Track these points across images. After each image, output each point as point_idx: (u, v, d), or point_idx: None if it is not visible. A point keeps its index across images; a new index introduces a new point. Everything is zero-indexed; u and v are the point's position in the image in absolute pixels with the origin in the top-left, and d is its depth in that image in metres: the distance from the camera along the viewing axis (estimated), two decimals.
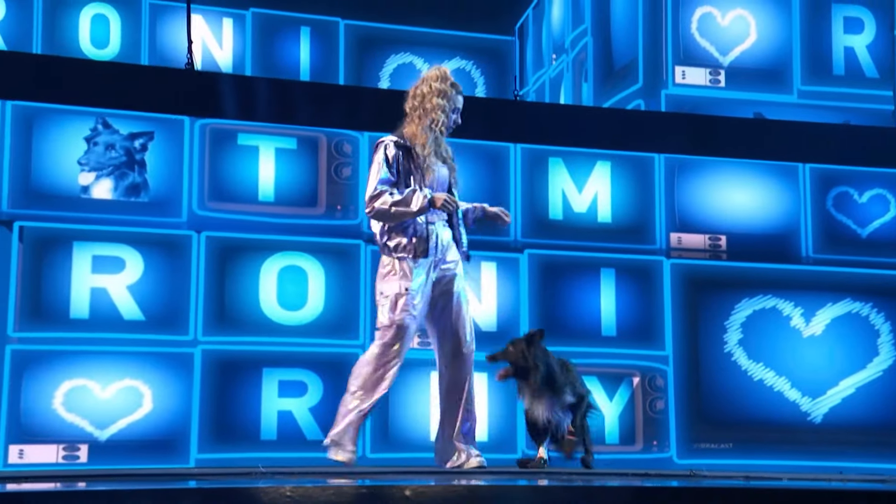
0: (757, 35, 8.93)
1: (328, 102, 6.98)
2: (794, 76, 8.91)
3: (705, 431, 7.16)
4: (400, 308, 5.17)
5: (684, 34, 8.89)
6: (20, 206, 6.37)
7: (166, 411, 6.37)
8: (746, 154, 7.61)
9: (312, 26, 10.66)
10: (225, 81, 6.96)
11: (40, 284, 6.28)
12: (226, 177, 6.70)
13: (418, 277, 5.19)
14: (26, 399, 6.17)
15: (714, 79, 8.87)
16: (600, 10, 9.95)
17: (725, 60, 8.92)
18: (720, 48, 8.94)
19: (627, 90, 9.22)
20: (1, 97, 6.38)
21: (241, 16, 10.56)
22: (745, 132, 7.83)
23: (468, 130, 7.01)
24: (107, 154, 6.43)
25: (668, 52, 8.85)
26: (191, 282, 6.48)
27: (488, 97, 9.95)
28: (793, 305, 7.39)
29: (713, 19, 8.99)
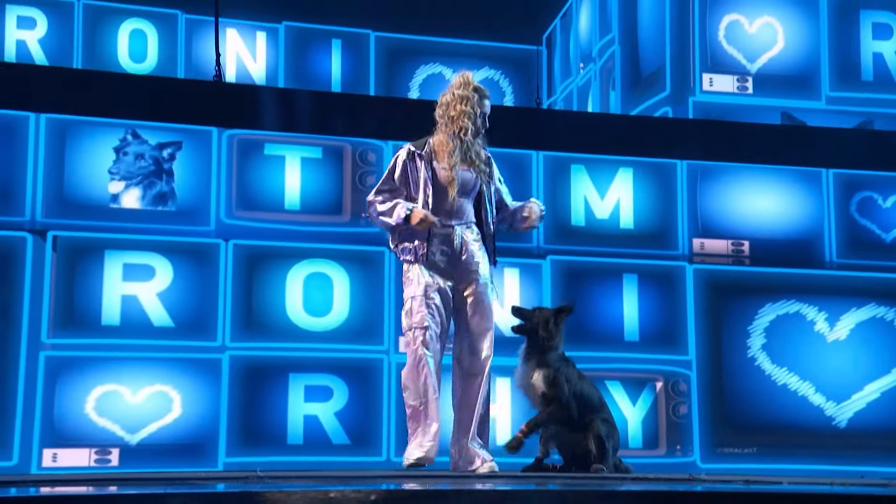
0: (784, 42, 8.84)
1: (353, 112, 6.99)
2: (822, 82, 8.83)
3: (729, 436, 7.06)
4: (415, 311, 5.09)
5: (712, 42, 8.82)
6: (53, 216, 6.41)
7: (195, 416, 6.38)
8: (769, 160, 7.52)
9: (344, 38, 10.69)
10: (252, 93, 6.96)
11: (73, 292, 6.32)
12: (253, 186, 6.71)
13: (433, 281, 5.10)
14: (59, 404, 6.21)
15: (742, 86, 8.79)
16: (627, 19, 9.89)
17: (753, 67, 8.83)
18: (748, 55, 8.85)
19: (655, 98, 9.15)
20: (35, 110, 6.42)
21: (274, 29, 10.61)
22: (768, 138, 7.73)
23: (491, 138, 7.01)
24: (136, 163, 6.47)
25: (696, 60, 8.78)
26: (219, 289, 6.49)
27: (510, 105, 9.90)
28: (817, 310, 7.28)
29: (741, 27, 8.91)
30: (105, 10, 10.28)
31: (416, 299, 5.09)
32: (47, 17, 10.22)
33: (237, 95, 6.97)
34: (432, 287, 5.10)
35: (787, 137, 7.81)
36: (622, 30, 9.93)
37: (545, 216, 6.97)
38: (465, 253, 5.15)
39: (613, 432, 5.30)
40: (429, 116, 5.43)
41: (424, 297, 5.07)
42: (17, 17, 10.19)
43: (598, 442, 5.19)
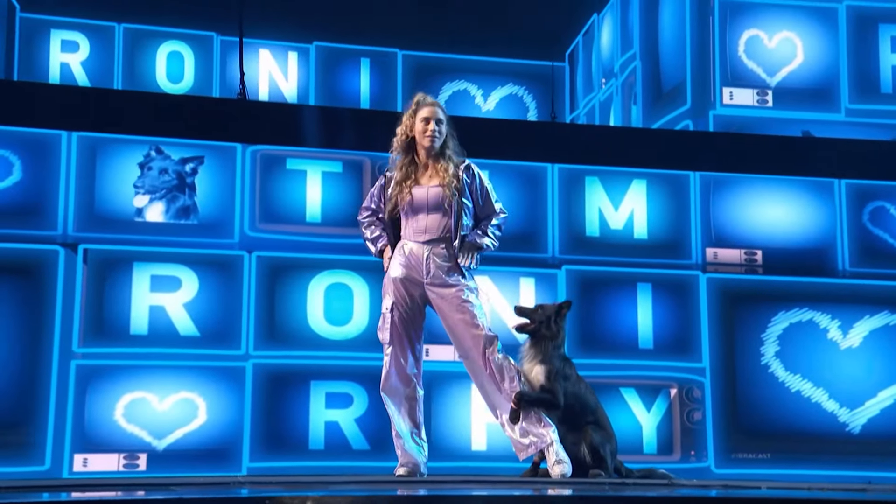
0: (804, 56, 8.74)
1: (372, 127, 6.97)
2: (841, 95, 8.71)
3: (743, 442, 6.96)
4: (382, 327, 5.03)
5: (732, 56, 8.74)
6: (84, 230, 6.46)
7: (220, 422, 6.40)
8: (781, 171, 7.41)
9: (372, 57, 10.70)
10: (275, 110, 6.97)
11: (102, 303, 6.35)
12: (275, 199, 6.72)
13: (402, 294, 5.01)
14: (90, 411, 6.24)
15: (762, 99, 8.69)
16: (649, 35, 9.82)
17: (773, 81, 8.74)
18: (767, 69, 8.76)
19: (676, 111, 9.08)
20: (66, 129, 6.48)
21: (305, 49, 10.65)
22: (780, 149, 7.63)
23: (507, 151, 6.99)
24: (160, 178, 6.50)
25: (716, 74, 8.70)
26: (242, 299, 6.51)
27: (525, 120, 9.86)
28: (830, 318, 7.16)
29: (760, 41, 8.81)
30: (144, 34, 10.37)
31: (384, 315, 5.02)
32: (89, 41, 10.33)
33: (260, 113, 6.99)
34: (400, 302, 5.00)
35: (798, 149, 7.69)
36: (643, 46, 9.86)
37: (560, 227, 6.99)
38: (434, 268, 4.99)
39: (608, 437, 5.21)
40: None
41: (391, 311, 4.99)
42: (61, 41, 10.31)
43: (593, 450, 5.10)
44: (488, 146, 7.06)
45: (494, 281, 6.82)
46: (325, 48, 10.63)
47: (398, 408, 5.13)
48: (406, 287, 5.01)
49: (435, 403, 6.64)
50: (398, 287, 5.01)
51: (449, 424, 6.65)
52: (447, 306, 5.00)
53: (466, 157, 5.14)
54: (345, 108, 8.51)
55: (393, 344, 5.03)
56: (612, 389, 6.86)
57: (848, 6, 8.85)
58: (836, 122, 8.72)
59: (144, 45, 10.34)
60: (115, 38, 10.31)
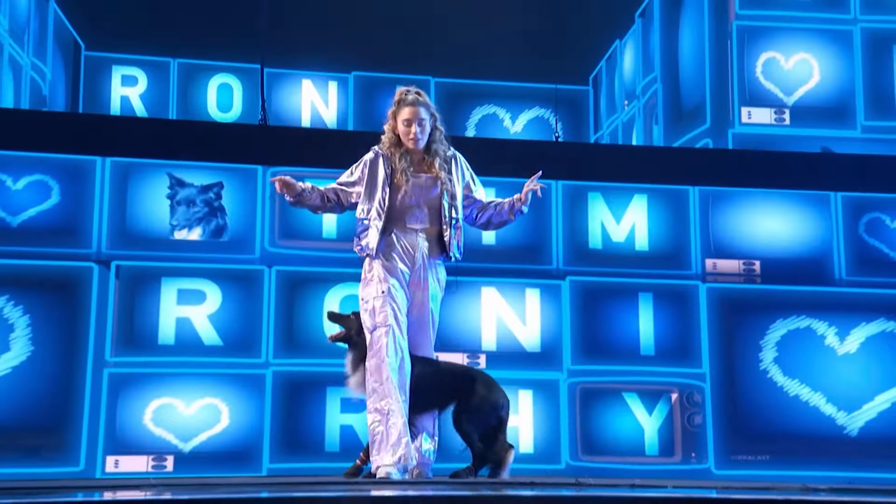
0: (820, 76, 8.49)
1: None
2: (857, 112, 8.44)
3: (742, 444, 6.69)
4: (378, 311, 4.76)
5: (749, 77, 8.52)
6: (116, 248, 6.44)
7: (242, 426, 6.33)
8: (779, 185, 7.15)
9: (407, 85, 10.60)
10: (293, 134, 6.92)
11: (133, 315, 6.33)
12: (294, 217, 6.64)
13: (394, 279, 4.81)
14: (121, 415, 6.21)
15: (779, 117, 8.46)
16: (669, 59, 9.64)
17: (790, 100, 8.50)
18: (784, 89, 8.53)
19: (696, 130, 8.88)
20: (101, 154, 6.49)
21: (344, 79, 10.61)
22: (778, 164, 7.36)
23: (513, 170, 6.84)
24: (190, 210, 6.48)
25: (735, 95, 8.50)
26: (263, 311, 6.44)
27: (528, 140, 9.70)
28: (827, 325, 6.86)
29: (777, 63, 8.58)
30: (197, 67, 10.44)
31: (378, 298, 4.76)
32: (147, 75, 10.43)
33: (279, 137, 6.93)
34: (394, 285, 4.79)
35: (795, 163, 7.41)
36: (664, 69, 9.68)
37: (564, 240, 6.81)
38: (423, 258, 4.85)
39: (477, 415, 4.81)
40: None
41: (387, 295, 4.75)
42: (121, 75, 10.43)
43: (466, 440, 4.80)
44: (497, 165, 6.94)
45: (501, 291, 6.67)
46: (362, 77, 10.58)
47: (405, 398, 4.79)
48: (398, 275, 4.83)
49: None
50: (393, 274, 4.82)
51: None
52: (418, 301, 4.86)
53: (452, 148, 5.02)
54: (360, 131, 8.45)
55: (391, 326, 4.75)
56: (615, 394, 6.66)
57: (862, 28, 8.59)
58: (852, 139, 8.46)
59: (197, 77, 10.40)
60: (170, 72, 10.38)
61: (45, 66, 9.83)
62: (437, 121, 4.95)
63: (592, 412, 6.60)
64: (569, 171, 6.94)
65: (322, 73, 10.57)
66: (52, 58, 9.96)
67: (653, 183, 7.00)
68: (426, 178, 4.88)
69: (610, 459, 6.54)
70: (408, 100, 4.89)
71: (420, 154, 4.91)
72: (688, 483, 5.15)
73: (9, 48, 9.04)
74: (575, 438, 6.55)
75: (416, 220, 4.88)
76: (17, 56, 9.26)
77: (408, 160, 4.87)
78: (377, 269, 4.83)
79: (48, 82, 9.89)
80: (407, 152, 4.89)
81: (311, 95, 10.52)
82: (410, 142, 4.87)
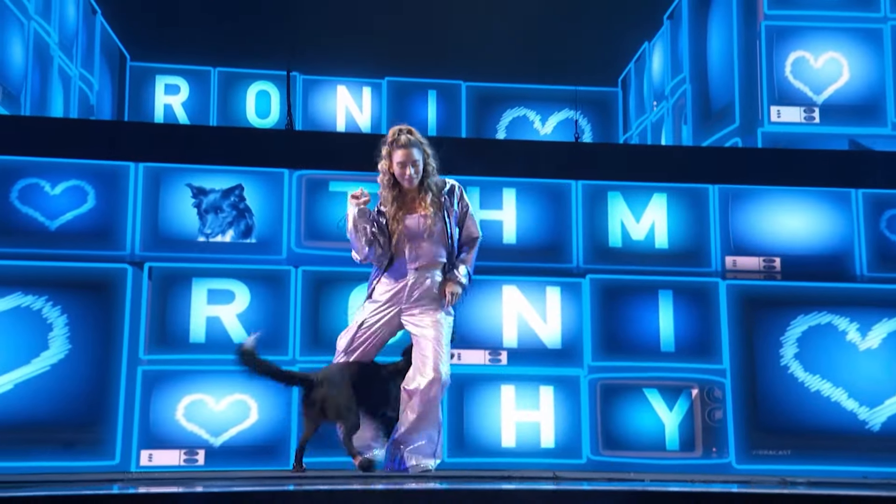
0: (850, 74, 8.36)
1: None
2: (888, 109, 8.31)
3: (763, 439, 6.56)
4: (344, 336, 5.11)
5: (778, 77, 8.40)
6: (149, 250, 6.50)
7: (270, 421, 6.34)
8: (800, 182, 7.01)
9: (438, 89, 10.64)
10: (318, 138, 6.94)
11: (165, 314, 6.37)
12: (319, 219, 6.65)
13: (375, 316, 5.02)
14: (154, 411, 6.26)
15: (809, 116, 8.32)
16: (698, 60, 9.53)
17: (819, 99, 8.37)
18: (814, 88, 8.40)
19: (725, 130, 8.78)
20: (134, 160, 6.55)
21: (377, 84, 10.65)
22: (798, 162, 7.21)
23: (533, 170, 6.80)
24: (218, 217, 6.51)
25: (764, 94, 8.39)
26: (290, 310, 6.45)
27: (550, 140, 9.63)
28: (848, 321, 6.70)
29: (806, 62, 8.44)
30: (236, 76, 10.54)
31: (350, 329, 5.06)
32: (189, 84, 10.55)
33: (305, 141, 6.95)
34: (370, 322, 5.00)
35: (816, 160, 7.26)
36: (693, 69, 9.57)
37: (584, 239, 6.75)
38: (415, 294, 4.92)
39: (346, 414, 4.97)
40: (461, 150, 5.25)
41: (359, 326, 5.01)
42: (164, 84, 10.57)
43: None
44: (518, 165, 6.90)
45: (522, 290, 6.62)
46: (395, 82, 10.61)
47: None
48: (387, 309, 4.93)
49: (467, 403, 6.47)
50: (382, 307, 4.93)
51: (480, 423, 6.46)
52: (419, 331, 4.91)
53: (449, 181, 5.01)
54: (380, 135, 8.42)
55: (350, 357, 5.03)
56: (635, 390, 6.57)
57: (893, 26, 8.44)
58: (882, 136, 8.30)
59: (236, 85, 10.51)
60: (210, 80, 10.51)
61: (92, 76, 9.99)
62: (430, 157, 4.96)
63: (613, 408, 6.52)
64: (589, 170, 6.85)
65: (357, 80, 10.61)
66: (98, 69, 10.12)
67: (673, 182, 6.88)
68: (418, 218, 4.91)
69: (630, 454, 6.46)
70: (401, 141, 4.89)
71: (414, 191, 4.93)
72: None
73: (58, 60, 9.19)
74: (596, 434, 6.48)
75: (418, 258, 4.93)
76: (66, 68, 9.42)
77: (400, 202, 4.92)
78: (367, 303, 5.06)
79: (95, 92, 10.05)
80: (400, 193, 4.91)
81: (346, 101, 10.57)
82: (406, 182, 4.90)
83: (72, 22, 9.57)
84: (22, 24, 8.40)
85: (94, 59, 10.03)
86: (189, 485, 4.65)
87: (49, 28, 8.97)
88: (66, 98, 9.44)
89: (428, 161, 4.93)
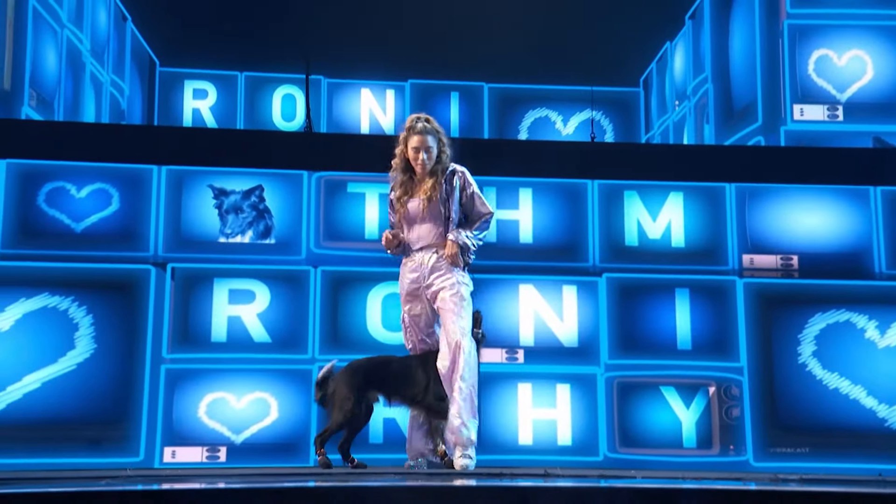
0: (874, 72, 8.27)
1: None
2: None
3: (781, 436, 6.49)
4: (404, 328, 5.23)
5: (801, 75, 8.32)
6: (172, 251, 6.55)
7: (290, 419, 6.38)
8: (816, 180, 6.93)
9: (461, 91, 10.65)
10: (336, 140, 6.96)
11: (187, 314, 6.43)
12: (337, 219, 6.68)
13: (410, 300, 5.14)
14: (177, 409, 6.32)
15: (832, 114, 8.24)
16: (720, 59, 9.47)
17: (843, 97, 8.28)
18: (837, 86, 8.31)
19: (747, 128, 8.71)
20: (157, 163, 6.62)
21: (401, 87, 10.67)
22: (815, 160, 7.13)
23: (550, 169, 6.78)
24: (239, 217, 6.56)
25: (786, 92, 8.32)
26: (309, 309, 6.48)
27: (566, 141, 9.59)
28: (867, 318, 6.62)
29: (830, 60, 8.36)
30: (262, 80, 10.62)
31: (402, 319, 5.18)
32: (216, 88, 10.64)
33: (324, 143, 6.98)
34: (409, 307, 5.11)
35: (833, 158, 7.17)
36: (715, 68, 9.50)
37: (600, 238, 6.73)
38: (433, 273, 5.02)
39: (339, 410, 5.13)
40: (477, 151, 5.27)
41: (405, 316, 5.12)
42: (192, 89, 10.66)
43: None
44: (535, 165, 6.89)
45: (538, 289, 6.60)
46: (418, 85, 10.63)
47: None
48: (414, 293, 4.99)
49: (484, 402, 6.43)
50: (409, 294, 5.00)
51: (497, 421, 6.46)
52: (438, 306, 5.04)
53: (453, 165, 5.06)
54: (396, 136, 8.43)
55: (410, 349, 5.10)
56: (652, 387, 6.53)
57: None
58: None
59: (263, 89, 10.59)
60: (237, 85, 10.58)
61: (123, 82, 10.10)
62: (445, 145, 5.10)
63: (630, 405, 6.49)
64: (605, 170, 6.82)
65: (380, 82, 10.64)
66: (129, 75, 10.23)
67: (689, 181, 6.84)
68: (417, 201, 5.05)
69: (648, 452, 6.43)
70: (417, 128, 5.05)
71: (422, 177, 5.07)
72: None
73: (90, 67, 9.31)
74: (612, 431, 6.45)
75: (419, 239, 5.08)
76: (98, 74, 9.54)
77: (407, 186, 5.06)
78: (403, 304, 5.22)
79: (126, 97, 10.16)
80: (410, 179, 5.05)
81: (370, 103, 10.61)
82: (418, 166, 5.02)
83: (103, 29, 9.69)
84: (55, 32, 8.52)
85: (124, 65, 10.15)
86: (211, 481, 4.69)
87: (81, 35, 9.09)
88: (98, 104, 9.56)
89: (443, 149, 5.04)
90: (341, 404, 5.05)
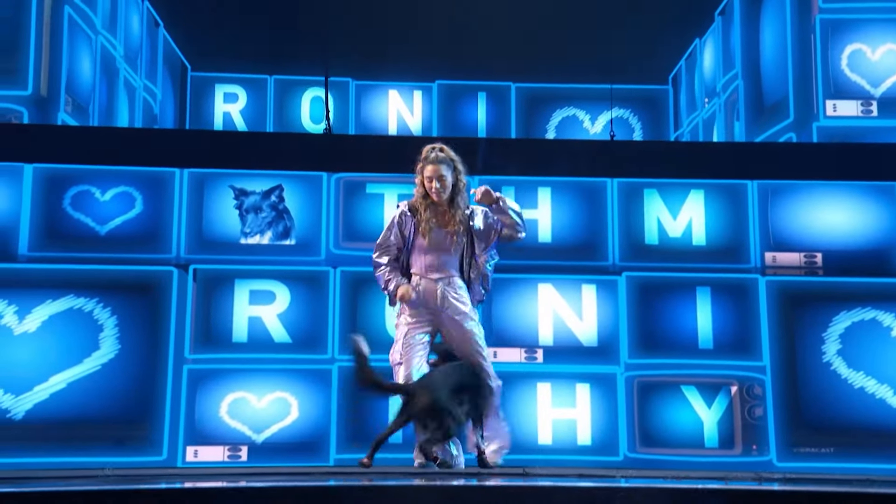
0: None
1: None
2: None
3: (805, 436, 6.37)
4: (395, 351, 5.11)
5: (834, 70, 8.14)
6: (194, 252, 6.60)
7: (310, 418, 6.39)
8: (839, 176, 6.79)
9: (488, 91, 10.59)
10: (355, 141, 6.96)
11: (209, 315, 6.47)
12: (356, 220, 6.68)
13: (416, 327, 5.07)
14: (199, 409, 6.36)
15: (866, 109, 8.06)
16: (750, 55, 9.30)
17: (877, 92, 8.09)
18: (871, 81, 8.12)
19: (779, 125, 8.55)
20: (179, 166, 6.66)
21: (428, 88, 10.64)
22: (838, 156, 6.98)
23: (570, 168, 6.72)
24: (258, 217, 6.59)
25: (819, 88, 8.15)
26: (328, 309, 6.49)
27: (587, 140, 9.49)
28: (893, 316, 6.48)
29: (863, 55, 8.18)
30: (291, 83, 10.65)
31: (398, 342, 5.08)
32: (247, 92, 10.69)
33: (343, 145, 6.98)
34: (413, 333, 5.05)
35: (856, 154, 7.02)
36: (745, 65, 9.34)
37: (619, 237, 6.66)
38: (448, 305, 5.01)
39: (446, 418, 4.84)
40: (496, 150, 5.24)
41: (404, 338, 5.05)
42: (223, 93, 10.73)
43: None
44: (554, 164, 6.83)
45: (557, 288, 6.54)
46: (446, 85, 10.60)
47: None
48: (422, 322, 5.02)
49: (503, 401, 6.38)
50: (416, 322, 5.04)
51: (516, 421, 6.39)
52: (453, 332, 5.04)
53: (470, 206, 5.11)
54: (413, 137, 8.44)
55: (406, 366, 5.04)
56: (672, 387, 6.45)
57: None
58: None
59: (292, 92, 10.61)
60: (267, 88, 10.63)
61: (155, 87, 10.20)
62: (461, 174, 5.10)
63: (650, 405, 6.41)
64: (624, 168, 6.74)
65: (408, 84, 10.62)
66: (161, 79, 10.32)
67: (710, 178, 6.73)
68: (445, 233, 5.05)
69: (668, 451, 6.34)
70: (430, 158, 5.08)
71: (444, 206, 5.06)
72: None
73: (124, 72, 9.41)
74: (633, 431, 6.37)
75: (435, 270, 5.05)
76: (131, 79, 9.64)
77: (433, 211, 5.05)
78: (404, 316, 5.09)
79: (158, 102, 10.25)
80: (433, 204, 5.05)
81: (398, 104, 10.59)
82: (434, 195, 5.04)
83: (136, 35, 9.79)
84: (90, 39, 8.62)
85: (157, 71, 10.25)
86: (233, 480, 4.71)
87: (115, 41, 9.19)
88: (131, 109, 9.66)
89: (459, 178, 5.06)
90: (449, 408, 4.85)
